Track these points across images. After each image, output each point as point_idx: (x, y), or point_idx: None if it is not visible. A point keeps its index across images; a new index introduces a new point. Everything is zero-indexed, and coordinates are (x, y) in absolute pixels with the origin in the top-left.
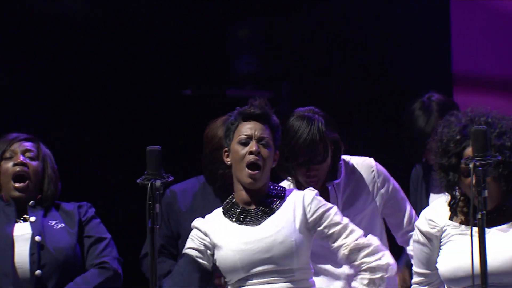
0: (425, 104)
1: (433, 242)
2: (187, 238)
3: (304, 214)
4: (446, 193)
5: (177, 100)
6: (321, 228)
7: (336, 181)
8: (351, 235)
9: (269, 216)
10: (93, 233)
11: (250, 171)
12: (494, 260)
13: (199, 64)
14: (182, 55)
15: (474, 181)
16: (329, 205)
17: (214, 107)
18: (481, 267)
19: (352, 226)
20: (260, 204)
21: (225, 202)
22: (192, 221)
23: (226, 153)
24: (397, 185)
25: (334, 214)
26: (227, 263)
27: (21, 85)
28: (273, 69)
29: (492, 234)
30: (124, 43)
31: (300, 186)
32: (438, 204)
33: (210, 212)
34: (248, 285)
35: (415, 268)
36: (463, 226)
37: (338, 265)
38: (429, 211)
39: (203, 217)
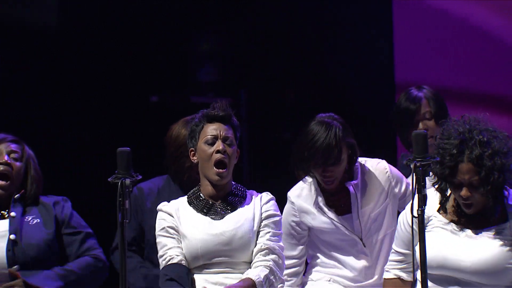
0: (410, 91)
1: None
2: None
3: (260, 213)
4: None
5: (145, 106)
6: (262, 224)
7: (354, 182)
8: (273, 241)
9: (231, 212)
10: (79, 228)
11: (217, 169)
12: (467, 259)
13: (165, 73)
14: (150, 65)
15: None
16: (278, 212)
17: (179, 113)
18: (420, 257)
19: (280, 242)
20: (223, 201)
21: (190, 192)
22: (156, 218)
23: (192, 152)
24: (409, 182)
25: (278, 221)
26: (189, 250)
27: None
28: (232, 78)
29: (468, 236)
30: (98, 53)
31: (319, 184)
32: (428, 195)
33: None
34: (204, 273)
35: (395, 247)
36: (444, 220)
37: (358, 257)
38: None
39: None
